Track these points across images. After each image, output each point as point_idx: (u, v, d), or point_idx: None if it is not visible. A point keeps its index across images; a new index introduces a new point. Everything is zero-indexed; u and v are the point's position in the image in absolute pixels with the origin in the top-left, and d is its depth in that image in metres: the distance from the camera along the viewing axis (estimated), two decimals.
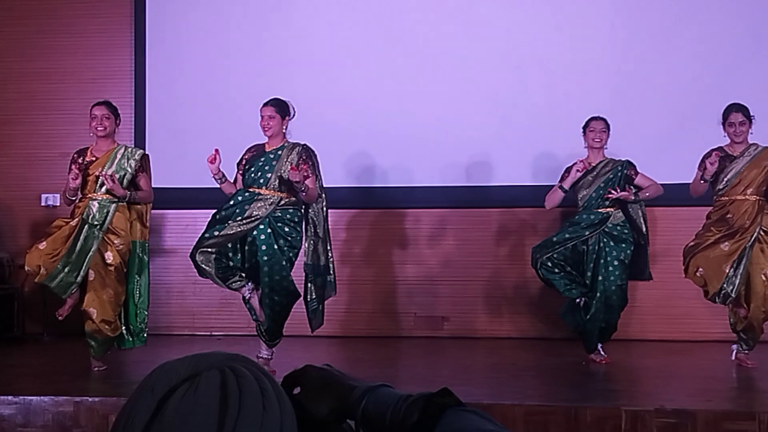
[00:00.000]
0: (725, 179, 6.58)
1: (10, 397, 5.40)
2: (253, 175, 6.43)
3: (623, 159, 6.93)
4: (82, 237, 6.44)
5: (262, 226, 6.34)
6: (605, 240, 6.81)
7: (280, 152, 6.43)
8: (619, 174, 6.84)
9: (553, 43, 8.35)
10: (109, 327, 6.49)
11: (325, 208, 6.56)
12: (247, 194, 6.40)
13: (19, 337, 8.34)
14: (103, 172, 6.40)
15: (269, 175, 6.40)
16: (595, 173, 6.89)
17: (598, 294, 6.78)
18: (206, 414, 1.16)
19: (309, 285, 6.57)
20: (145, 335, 6.74)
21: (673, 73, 8.22)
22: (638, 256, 6.91)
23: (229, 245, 6.37)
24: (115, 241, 6.51)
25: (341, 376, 1.51)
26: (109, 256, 6.51)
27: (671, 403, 5.14)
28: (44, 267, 6.38)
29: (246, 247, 6.42)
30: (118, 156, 6.62)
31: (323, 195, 6.53)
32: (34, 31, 8.98)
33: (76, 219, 6.48)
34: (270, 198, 6.38)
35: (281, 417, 1.21)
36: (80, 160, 6.59)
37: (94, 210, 6.47)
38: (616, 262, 6.79)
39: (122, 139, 8.79)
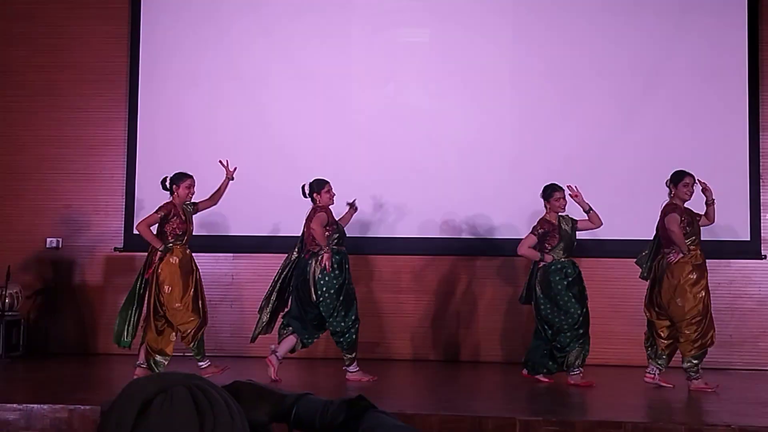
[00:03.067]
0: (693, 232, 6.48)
1: (14, 405, 5.29)
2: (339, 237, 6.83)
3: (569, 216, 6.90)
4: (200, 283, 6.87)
5: None
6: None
7: None
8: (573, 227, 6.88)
9: (467, 125, 8.46)
10: None
11: None
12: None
13: (23, 355, 8.14)
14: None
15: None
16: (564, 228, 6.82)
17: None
18: (186, 421, 1.18)
19: None
20: None
21: (561, 151, 8.36)
22: None
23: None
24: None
25: (269, 387, 1.53)
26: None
27: (558, 416, 5.18)
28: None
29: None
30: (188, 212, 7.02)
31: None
32: (45, 105, 8.90)
33: (188, 270, 6.79)
34: None
35: (242, 424, 1.23)
36: (174, 216, 6.85)
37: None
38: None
39: (115, 195, 8.78)
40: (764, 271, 7.91)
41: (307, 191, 6.89)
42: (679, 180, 6.47)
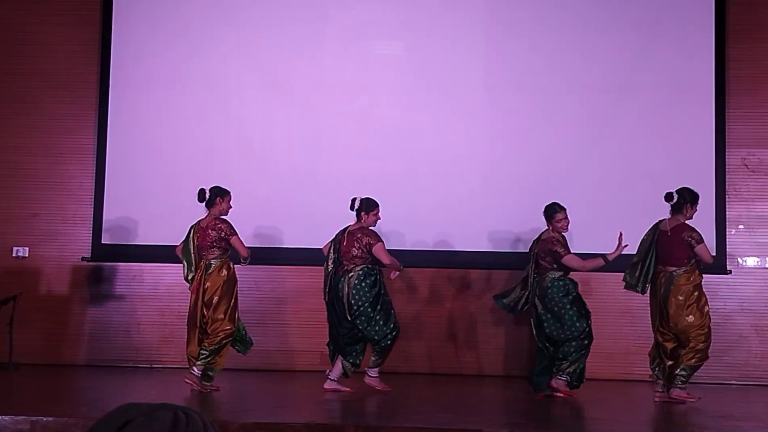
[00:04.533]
0: None
1: None
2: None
3: None
4: None
5: None
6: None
7: None
8: None
9: (440, 138, 8.53)
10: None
11: None
12: None
13: None
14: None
15: None
16: None
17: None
18: None
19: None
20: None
21: (531, 164, 8.45)
22: None
23: None
24: None
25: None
26: None
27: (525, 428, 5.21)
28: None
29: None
30: None
31: None
32: (13, 112, 8.86)
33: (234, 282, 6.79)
34: None
35: None
36: None
37: None
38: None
39: (83, 205, 8.75)
40: (729, 286, 8.04)
41: (356, 206, 6.95)
42: (696, 201, 6.63)
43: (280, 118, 8.66)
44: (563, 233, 6.86)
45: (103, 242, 8.68)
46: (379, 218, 7.04)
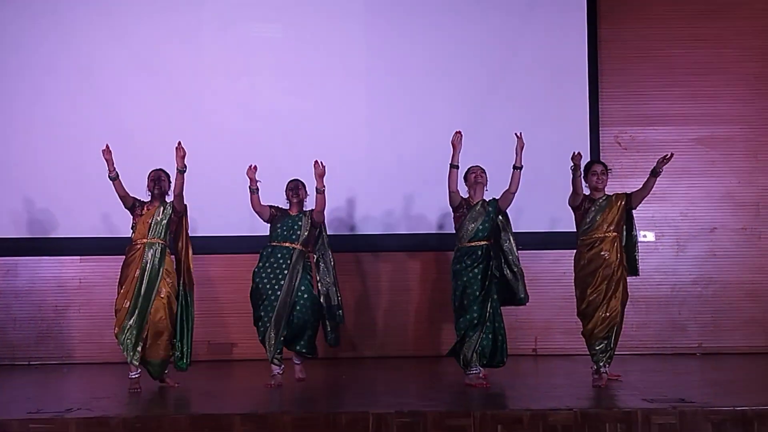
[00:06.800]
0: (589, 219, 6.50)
1: None
2: (285, 232, 6.69)
3: (492, 198, 6.63)
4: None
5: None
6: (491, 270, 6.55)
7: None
8: (491, 209, 6.59)
9: (321, 121, 8.57)
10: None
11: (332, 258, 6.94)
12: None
13: None
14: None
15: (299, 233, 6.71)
16: (477, 210, 6.57)
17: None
18: None
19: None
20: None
21: (412, 146, 8.57)
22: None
23: None
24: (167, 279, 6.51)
25: None
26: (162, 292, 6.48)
27: (408, 407, 5.34)
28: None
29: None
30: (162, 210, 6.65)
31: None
32: None
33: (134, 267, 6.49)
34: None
35: None
36: (137, 207, 6.65)
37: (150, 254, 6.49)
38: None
39: None
40: None
41: None
42: (588, 169, 6.60)
43: (157, 103, 8.55)
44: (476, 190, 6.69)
45: None
46: (290, 193, 6.88)
